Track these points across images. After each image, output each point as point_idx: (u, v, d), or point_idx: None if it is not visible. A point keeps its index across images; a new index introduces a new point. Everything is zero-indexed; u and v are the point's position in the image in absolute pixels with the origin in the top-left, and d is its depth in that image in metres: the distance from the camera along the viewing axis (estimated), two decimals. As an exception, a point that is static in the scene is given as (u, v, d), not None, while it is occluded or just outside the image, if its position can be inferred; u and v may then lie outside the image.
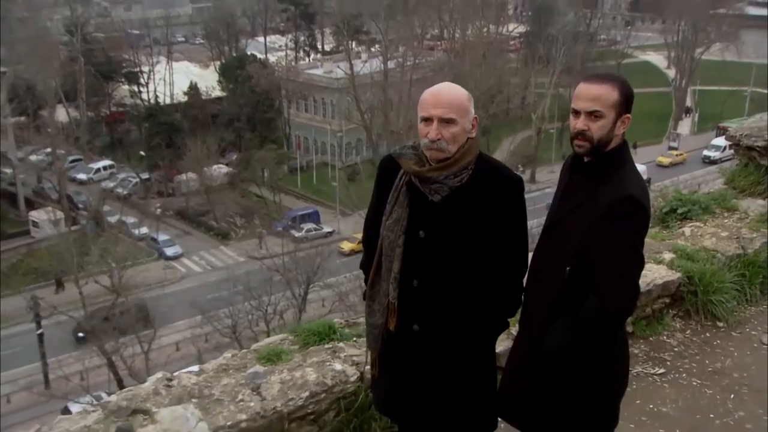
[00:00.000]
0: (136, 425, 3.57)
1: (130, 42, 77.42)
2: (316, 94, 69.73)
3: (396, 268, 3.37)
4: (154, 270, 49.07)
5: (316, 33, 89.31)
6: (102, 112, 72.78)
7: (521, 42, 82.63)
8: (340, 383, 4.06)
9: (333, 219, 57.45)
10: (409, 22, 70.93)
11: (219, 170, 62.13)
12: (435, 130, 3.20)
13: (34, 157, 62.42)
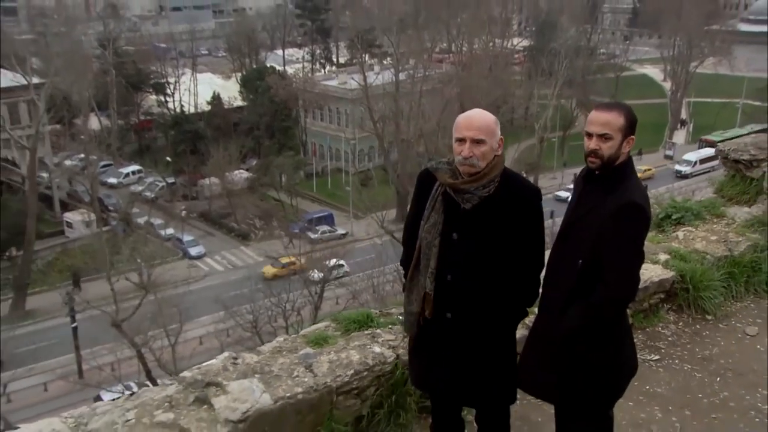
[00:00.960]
0: (210, 395, 3.96)
1: (157, 55, 77.53)
2: (331, 103, 69.82)
3: (433, 264, 3.70)
4: (179, 268, 49.04)
5: (331, 46, 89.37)
6: (131, 120, 73.08)
7: (525, 56, 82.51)
8: (379, 363, 4.40)
9: (346, 221, 57.53)
10: (420, 37, 70.76)
11: (240, 175, 62.22)
12: (468, 149, 3.54)
13: (69, 162, 62.42)
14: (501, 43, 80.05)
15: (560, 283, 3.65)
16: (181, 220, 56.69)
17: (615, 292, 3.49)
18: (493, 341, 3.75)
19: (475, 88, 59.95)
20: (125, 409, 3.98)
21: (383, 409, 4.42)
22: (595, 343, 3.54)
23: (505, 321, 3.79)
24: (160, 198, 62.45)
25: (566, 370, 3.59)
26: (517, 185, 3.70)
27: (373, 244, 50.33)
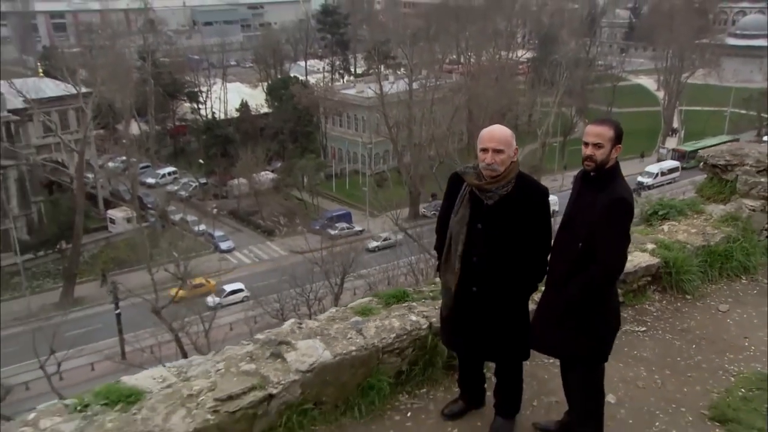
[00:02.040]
0: (282, 351, 4.54)
1: (191, 66, 77.89)
2: (349, 110, 69.72)
3: (461, 249, 4.23)
4: (211, 261, 49.45)
5: (349, 58, 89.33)
6: (167, 125, 73.47)
7: (529, 66, 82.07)
8: (415, 329, 4.93)
9: (363, 219, 57.58)
10: (431, 49, 70.81)
11: (266, 176, 62.43)
12: (490, 157, 4.07)
13: (112, 164, 63.07)
14: (506, 54, 79.96)
15: (563, 262, 4.16)
16: (213, 217, 57.12)
17: (608, 267, 4.03)
18: (510, 309, 4.28)
19: (482, 96, 60.03)
20: (215, 362, 4.59)
21: (418, 365, 4.95)
22: (591, 309, 4.07)
23: (519, 293, 4.32)
24: (193, 197, 62.93)
25: (569, 330, 4.12)
26: (529, 185, 4.23)
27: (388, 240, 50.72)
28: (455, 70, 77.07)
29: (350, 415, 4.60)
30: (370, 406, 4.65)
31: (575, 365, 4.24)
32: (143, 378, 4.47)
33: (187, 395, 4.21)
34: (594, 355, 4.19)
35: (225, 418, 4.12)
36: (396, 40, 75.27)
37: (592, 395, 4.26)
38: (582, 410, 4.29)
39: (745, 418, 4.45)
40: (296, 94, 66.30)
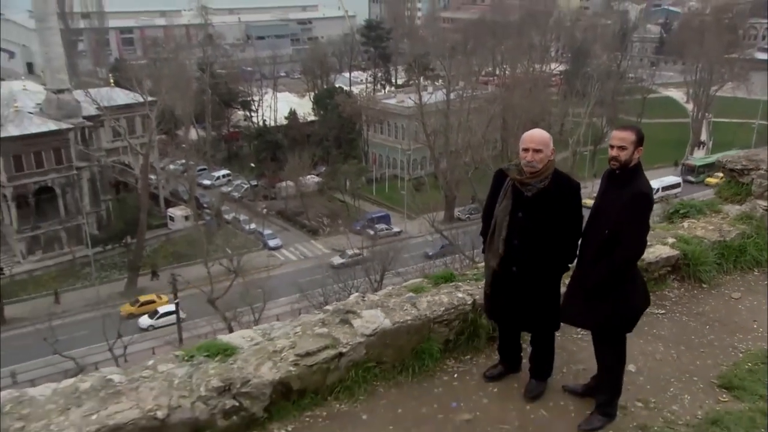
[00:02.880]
0: (350, 318, 5.06)
1: (244, 77, 78.81)
2: (390, 119, 69.96)
3: (504, 234, 4.64)
4: (260, 257, 49.97)
5: (391, 70, 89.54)
6: (222, 132, 74.62)
7: (561, 79, 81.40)
8: (461, 304, 5.38)
9: (401, 221, 57.69)
10: (468, 62, 70.79)
11: (311, 179, 63.11)
12: (530, 155, 4.48)
13: (172, 167, 64.27)
14: (540, 67, 79.61)
15: (592, 246, 4.56)
16: (262, 217, 57.82)
17: (630, 251, 4.44)
18: (544, 286, 4.69)
19: (516, 106, 59.86)
20: (293, 326, 5.16)
21: (464, 335, 5.39)
22: (616, 286, 4.46)
23: (553, 273, 4.73)
24: (245, 198, 63.71)
25: (596, 305, 4.51)
26: (564, 180, 4.63)
27: (425, 241, 50.87)
28: (491, 81, 76.93)
29: (405, 374, 5.07)
30: (422, 368, 5.11)
31: (603, 335, 4.64)
32: (235, 337, 5.07)
33: (272, 351, 4.77)
34: (616, 326, 4.57)
35: (304, 371, 4.68)
36: (435, 53, 75.51)
37: (615, 362, 4.64)
38: (605, 375, 4.67)
39: (749, 386, 4.83)
40: (341, 103, 67.06)
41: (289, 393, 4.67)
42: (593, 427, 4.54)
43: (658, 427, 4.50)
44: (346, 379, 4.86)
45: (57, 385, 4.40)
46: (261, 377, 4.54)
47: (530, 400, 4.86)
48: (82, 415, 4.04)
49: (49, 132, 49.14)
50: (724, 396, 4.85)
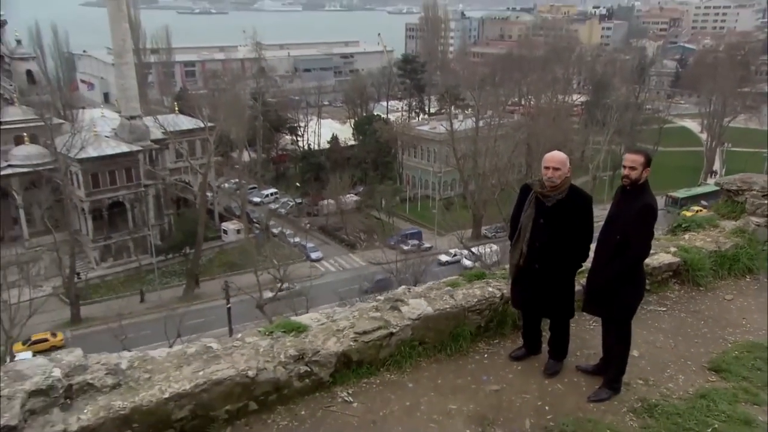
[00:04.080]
0: (399, 305, 5.61)
1: (292, 105, 79.76)
2: (423, 144, 70.22)
3: (527, 237, 5.14)
4: (303, 268, 50.40)
5: (424, 99, 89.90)
6: (271, 154, 75.48)
7: (583, 109, 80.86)
8: (491, 296, 5.88)
9: (432, 237, 57.70)
10: (496, 92, 70.77)
11: (350, 198, 63.55)
12: (551, 173, 4.99)
13: (226, 185, 65.53)
14: (563, 98, 79.03)
15: (606, 248, 5.00)
16: (305, 232, 58.47)
17: (638, 254, 4.90)
18: (560, 280, 5.18)
19: (540, 134, 59.42)
20: (352, 311, 5.78)
21: (493, 322, 5.89)
22: (626, 281, 4.93)
23: (568, 270, 5.20)
24: (290, 214, 64.44)
25: (609, 297, 4.97)
26: (578, 194, 5.12)
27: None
28: (517, 111, 76.65)
29: (444, 352, 5.58)
30: (458, 348, 5.62)
31: (612, 321, 5.11)
32: (305, 318, 5.71)
33: (336, 330, 5.38)
34: (624, 314, 5.05)
35: (361, 345, 5.27)
36: (465, 84, 75.68)
37: (622, 345, 5.10)
38: (613, 356, 5.14)
39: (734, 370, 5.24)
40: (378, 129, 67.68)
41: (349, 363, 5.22)
42: (600, 398, 4.99)
43: (656, 399, 4.93)
44: (395, 354, 5.39)
45: (170, 349, 5.12)
46: (327, 349, 5.13)
47: (548, 377, 5.30)
48: (192, 371, 4.72)
49: (122, 153, 50.49)
50: (712, 377, 5.25)
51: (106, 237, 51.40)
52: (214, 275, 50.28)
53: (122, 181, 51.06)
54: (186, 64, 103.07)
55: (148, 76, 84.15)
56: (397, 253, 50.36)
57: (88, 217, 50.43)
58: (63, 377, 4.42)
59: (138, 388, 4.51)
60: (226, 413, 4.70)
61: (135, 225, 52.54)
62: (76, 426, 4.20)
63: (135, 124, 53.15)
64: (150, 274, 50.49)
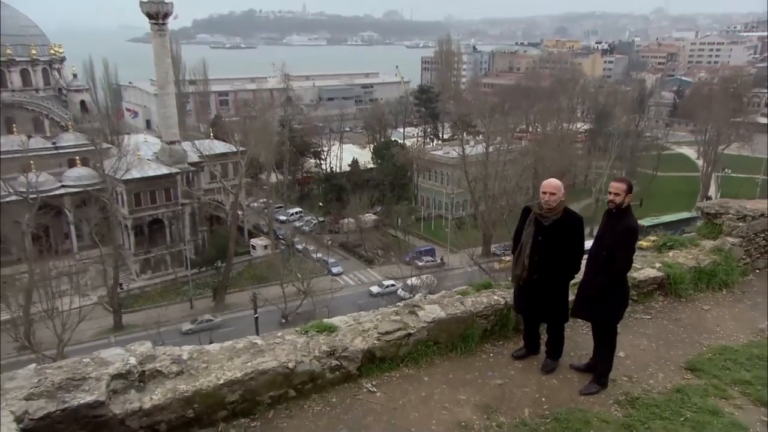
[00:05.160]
0: (416, 310, 6.06)
1: (316, 131, 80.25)
2: (436, 167, 70.14)
3: (528, 251, 5.53)
4: (324, 281, 50.45)
5: (438, 126, 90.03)
6: (297, 176, 75.89)
7: (586, 136, 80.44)
8: (497, 303, 6.27)
9: (444, 254, 57.61)
10: (505, 120, 70.24)
11: (369, 217, 63.47)
12: (547, 197, 5.38)
13: (255, 204, 65.92)
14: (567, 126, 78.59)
15: (595, 262, 5.38)
16: (327, 248, 58.67)
17: (621, 267, 5.28)
18: (556, 289, 5.56)
19: (546, 159, 59.51)
20: (375, 315, 6.24)
21: (497, 326, 6.25)
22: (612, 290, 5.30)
23: (562, 280, 5.58)
24: (313, 231, 64.75)
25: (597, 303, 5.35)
26: (572, 215, 5.50)
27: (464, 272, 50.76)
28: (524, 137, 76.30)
29: (455, 351, 5.96)
30: (467, 348, 6.00)
31: (600, 325, 5.49)
32: (335, 320, 6.14)
33: (362, 330, 5.82)
34: (611, 319, 5.44)
35: (384, 344, 5.69)
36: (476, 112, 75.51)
37: (608, 346, 5.49)
38: (601, 356, 5.52)
39: (707, 369, 5.59)
40: (395, 154, 67.99)
41: (373, 358, 5.63)
42: (590, 392, 5.38)
43: (638, 393, 5.30)
44: (412, 352, 5.79)
45: (222, 344, 5.63)
46: (355, 347, 5.56)
47: (546, 373, 5.66)
48: (241, 362, 5.20)
49: (162, 175, 51.26)
50: (688, 375, 5.59)
51: (146, 251, 52.06)
52: (243, 287, 50.52)
53: (162, 200, 51.75)
54: (220, 93, 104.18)
55: (186, 104, 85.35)
56: (411, 268, 50.79)
57: (131, 233, 51.19)
58: (137, 364, 4.96)
59: (198, 375, 4.99)
60: (270, 398, 5.13)
61: (172, 240, 53.09)
62: (149, 404, 4.71)
63: (174, 148, 53.98)
64: (185, 285, 50.93)
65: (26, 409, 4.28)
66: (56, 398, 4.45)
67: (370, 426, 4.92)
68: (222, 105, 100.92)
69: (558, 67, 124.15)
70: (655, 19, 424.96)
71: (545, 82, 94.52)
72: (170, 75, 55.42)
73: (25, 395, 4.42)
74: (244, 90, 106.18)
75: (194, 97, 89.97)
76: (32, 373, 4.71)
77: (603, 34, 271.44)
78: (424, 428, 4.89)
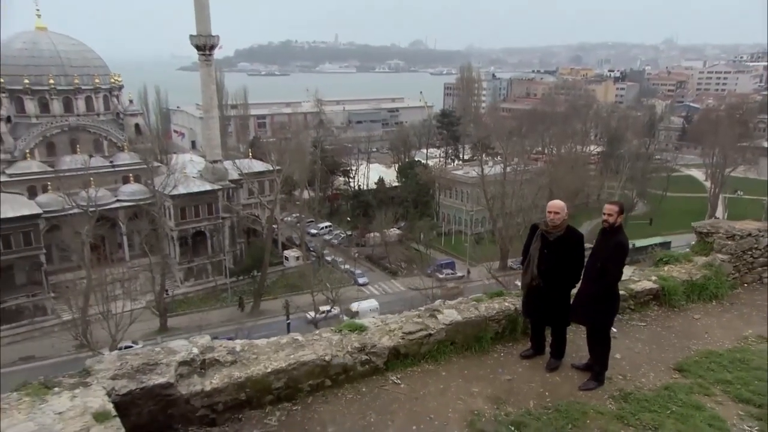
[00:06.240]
0: (436, 314, 6.48)
1: (345, 152, 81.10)
2: (457, 186, 70.19)
3: (535, 263, 5.85)
4: (351, 291, 51.00)
5: (459, 148, 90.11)
6: (327, 193, 76.37)
7: (599, 158, 79.90)
8: (507, 309, 6.60)
9: (464, 267, 57.52)
10: (522, 143, 70.68)
11: (393, 232, 63.70)
12: (552, 215, 5.72)
13: (288, 219, 66.56)
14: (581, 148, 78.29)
15: (590, 274, 5.70)
16: (354, 260, 59.00)
17: (612, 279, 5.61)
18: (559, 296, 5.86)
19: (561, 179, 59.25)
20: (400, 317, 6.63)
21: (508, 329, 6.57)
22: (605, 298, 5.62)
23: (565, 288, 5.87)
24: (341, 244, 65.00)
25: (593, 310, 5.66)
26: (574, 232, 5.82)
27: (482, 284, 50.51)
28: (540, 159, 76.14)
29: (470, 351, 6.28)
30: (480, 348, 6.32)
31: (595, 329, 5.81)
32: (365, 321, 6.55)
33: (388, 330, 6.20)
34: (605, 323, 5.75)
35: (407, 342, 6.06)
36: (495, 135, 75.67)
37: (604, 347, 5.79)
38: (598, 357, 5.82)
39: (694, 370, 5.85)
40: (419, 173, 68.48)
41: (398, 355, 5.98)
42: (588, 388, 5.68)
43: (630, 390, 5.58)
44: (432, 350, 6.12)
45: (267, 339, 6.13)
46: (382, 344, 5.94)
47: (550, 371, 5.95)
48: (285, 355, 5.65)
49: (205, 191, 52.27)
50: (676, 375, 5.85)
51: (189, 260, 52.93)
52: (276, 295, 50.96)
53: (204, 214, 52.65)
54: (258, 117, 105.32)
55: (228, 126, 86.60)
56: (433, 280, 50.87)
57: (176, 244, 52.13)
58: (199, 353, 5.49)
59: (249, 364, 5.44)
60: (309, 386, 5.54)
61: (213, 251, 53.84)
62: (210, 387, 5.21)
63: (216, 166, 54.95)
64: (224, 292, 51.64)
65: (113, 386, 4.84)
66: (135, 379, 4.98)
67: (395, 412, 5.26)
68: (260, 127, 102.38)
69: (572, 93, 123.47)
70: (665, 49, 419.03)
71: (560, 108, 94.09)
72: (214, 100, 56.69)
73: (111, 375, 4.97)
74: (280, 113, 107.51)
75: (235, 120, 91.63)
76: (115, 358, 5.28)
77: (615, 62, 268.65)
78: (442, 415, 5.21)
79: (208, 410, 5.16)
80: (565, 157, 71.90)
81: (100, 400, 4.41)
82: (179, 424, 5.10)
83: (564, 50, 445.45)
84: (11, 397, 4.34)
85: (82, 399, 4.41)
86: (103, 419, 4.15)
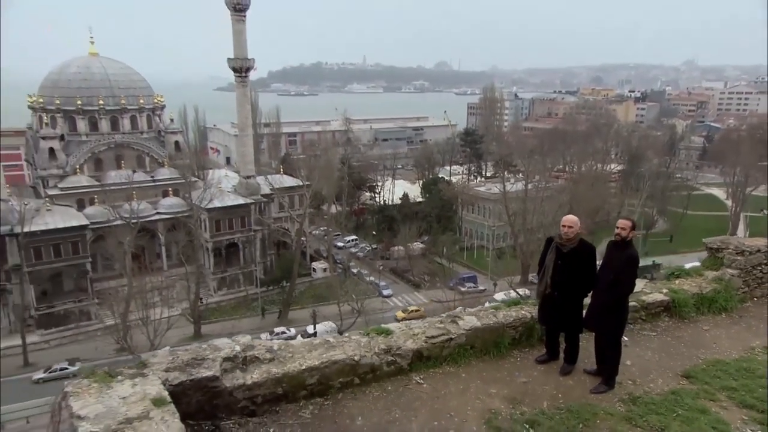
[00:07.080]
0: (456, 320, 6.74)
1: (372, 168, 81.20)
2: (479, 202, 69.96)
3: (550, 273, 6.06)
4: (376, 302, 50.97)
5: (482, 165, 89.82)
6: (353, 207, 76.50)
7: (619, 176, 78.72)
8: (524, 317, 6.80)
9: (486, 281, 57.01)
10: (543, 160, 70.16)
11: (417, 246, 63.53)
12: (566, 229, 5.94)
13: (316, 232, 67.04)
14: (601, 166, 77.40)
15: (603, 284, 5.87)
16: (378, 272, 59.11)
17: (624, 290, 5.78)
18: (573, 305, 6.05)
19: (581, 197, 58.68)
20: (424, 323, 6.92)
21: (524, 335, 6.77)
22: (617, 307, 5.79)
23: (578, 297, 6.06)
24: (366, 257, 65.22)
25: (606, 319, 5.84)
26: (586, 245, 6.01)
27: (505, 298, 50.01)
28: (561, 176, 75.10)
29: (488, 355, 6.49)
30: (498, 352, 6.52)
31: (608, 337, 5.98)
32: (392, 326, 6.83)
33: (413, 334, 6.47)
34: (617, 331, 5.92)
35: (430, 346, 6.31)
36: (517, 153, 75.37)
37: (615, 354, 5.95)
38: (609, 362, 5.98)
39: (701, 377, 5.96)
40: (442, 189, 68.61)
41: (421, 357, 6.22)
42: (599, 391, 5.84)
43: (639, 394, 5.73)
44: (453, 353, 6.34)
45: (302, 340, 6.51)
46: (407, 347, 6.20)
47: (563, 375, 6.11)
48: (318, 354, 5.97)
49: (239, 205, 53.19)
50: (683, 381, 5.97)
51: (222, 270, 53.70)
52: (304, 305, 51.32)
53: (237, 226, 53.46)
54: (289, 134, 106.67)
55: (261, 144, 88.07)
56: (455, 292, 50.66)
57: (211, 254, 53.03)
58: (241, 351, 5.89)
59: (285, 362, 5.77)
60: (339, 384, 5.81)
61: (245, 262, 54.50)
62: (250, 381, 5.57)
63: (250, 182, 55.83)
64: (254, 302, 52.13)
65: (167, 377, 5.27)
66: (186, 371, 5.40)
67: (418, 409, 5.49)
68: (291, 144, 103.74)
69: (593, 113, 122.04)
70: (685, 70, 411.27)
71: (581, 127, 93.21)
72: (249, 119, 57.75)
73: (165, 368, 5.41)
74: (310, 131, 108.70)
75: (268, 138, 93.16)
76: (167, 353, 5.73)
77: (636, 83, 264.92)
78: (461, 413, 5.43)
79: (249, 402, 5.48)
80: (586, 174, 71.14)
81: (157, 388, 4.83)
82: (223, 413, 5.47)
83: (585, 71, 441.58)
84: (82, 383, 4.80)
85: (142, 387, 4.84)
86: (160, 404, 4.56)
